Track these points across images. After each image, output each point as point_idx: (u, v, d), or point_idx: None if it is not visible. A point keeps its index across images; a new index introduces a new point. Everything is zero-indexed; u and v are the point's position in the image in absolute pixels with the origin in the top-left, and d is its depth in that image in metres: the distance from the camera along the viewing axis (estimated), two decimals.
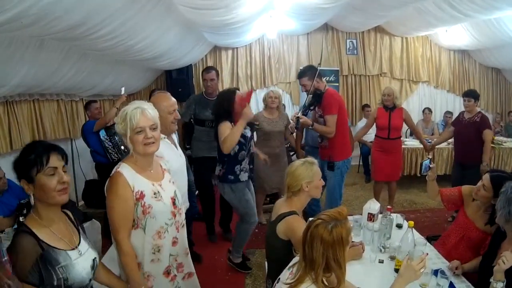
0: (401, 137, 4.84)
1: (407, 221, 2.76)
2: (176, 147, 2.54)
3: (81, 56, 3.89)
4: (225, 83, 7.47)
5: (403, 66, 7.93)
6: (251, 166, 3.28)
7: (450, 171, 5.88)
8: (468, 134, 4.32)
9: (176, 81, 6.62)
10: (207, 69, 4.09)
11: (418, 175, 6.10)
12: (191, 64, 6.83)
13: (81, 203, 4.77)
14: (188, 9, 3.85)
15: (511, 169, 6.16)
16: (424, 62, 8.01)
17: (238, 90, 3.16)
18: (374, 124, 4.84)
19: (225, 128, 2.95)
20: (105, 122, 4.23)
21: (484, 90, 8.15)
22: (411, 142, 6.35)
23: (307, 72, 3.58)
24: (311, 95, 3.58)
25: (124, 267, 1.75)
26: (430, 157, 2.63)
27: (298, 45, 7.68)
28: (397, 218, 2.75)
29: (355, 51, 7.76)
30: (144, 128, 1.76)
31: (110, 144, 4.35)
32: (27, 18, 2.23)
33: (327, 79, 7.35)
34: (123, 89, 4.23)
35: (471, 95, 4.37)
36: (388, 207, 2.55)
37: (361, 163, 7.18)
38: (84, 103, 4.89)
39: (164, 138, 2.30)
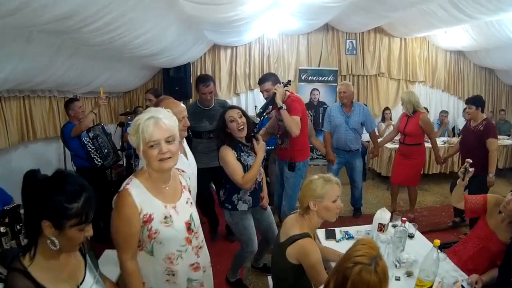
0: (420, 144, 4.59)
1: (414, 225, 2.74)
2: (186, 155, 2.37)
3: (74, 51, 3.70)
4: (223, 82, 7.40)
5: (401, 66, 7.97)
6: (260, 195, 2.98)
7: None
8: (471, 142, 4.14)
9: (174, 79, 6.49)
10: (204, 81, 3.70)
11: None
12: (189, 62, 6.69)
13: None
14: (191, 4, 3.68)
15: (502, 166, 6.53)
16: (421, 63, 8.07)
17: (236, 107, 2.85)
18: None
19: (229, 156, 2.67)
20: (82, 130, 3.89)
21: (477, 89, 8.35)
22: None
23: (270, 78, 3.50)
24: (267, 98, 3.46)
25: (128, 286, 1.64)
26: (471, 161, 2.45)
27: (298, 44, 7.63)
28: (408, 227, 2.67)
29: (354, 51, 7.74)
30: (158, 141, 1.56)
31: (93, 147, 4.00)
32: (7, 4, 2.01)
33: (325, 79, 7.36)
34: (101, 89, 3.92)
35: (471, 101, 4.16)
36: (403, 218, 2.43)
37: None
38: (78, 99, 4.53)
39: None
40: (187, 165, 2.27)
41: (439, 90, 8.30)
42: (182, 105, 2.34)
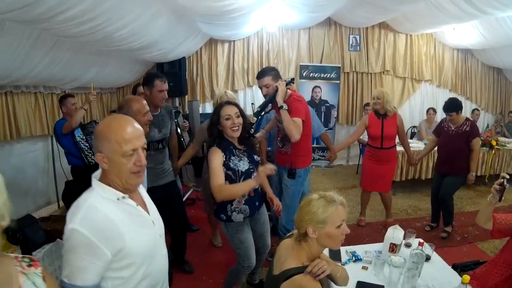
0: (395, 145, 4.30)
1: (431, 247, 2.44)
2: (147, 208, 1.55)
3: (54, 44, 3.42)
4: (220, 78, 7.08)
5: (407, 64, 7.66)
6: (257, 203, 2.69)
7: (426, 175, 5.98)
8: (457, 145, 4.07)
9: (168, 74, 6.10)
10: (161, 76, 3.12)
11: (421, 178, 5.91)
12: (184, 57, 6.35)
13: (62, 204, 4.40)
14: None
15: None
16: (427, 61, 7.76)
17: (235, 104, 2.56)
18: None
19: (214, 159, 2.39)
20: (72, 127, 3.71)
21: (485, 89, 8.14)
22: (416, 145, 6.03)
23: (270, 72, 3.09)
24: (266, 95, 3.10)
25: None
26: (507, 176, 2.07)
27: (299, 39, 7.28)
28: (425, 249, 2.36)
29: (358, 48, 7.40)
30: None
31: (87, 144, 3.87)
32: None
33: (327, 76, 7.04)
34: (92, 84, 3.64)
35: (451, 109, 4.05)
36: (421, 241, 2.13)
37: (360, 162, 6.87)
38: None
39: (123, 198, 1.40)
40: (146, 223, 1.51)
41: (446, 90, 7.99)
42: (138, 129, 1.41)
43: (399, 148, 5.65)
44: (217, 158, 2.38)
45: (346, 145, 4.76)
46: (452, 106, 4.06)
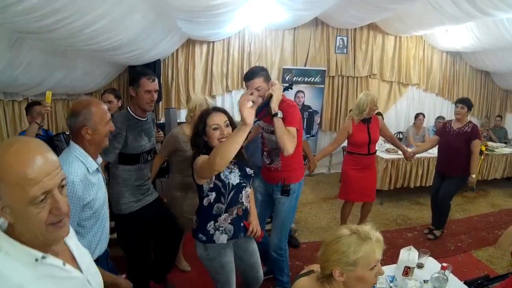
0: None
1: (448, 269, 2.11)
2: (78, 263, 1.13)
3: (14, 43, 2.97)
4: (197, 82, 6.62)
5: (394, 67, 7.44)
6: (242, 223, 2.31)
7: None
8: (457, 145, 4.20)
9: None
10: (149, 73, 2.67)
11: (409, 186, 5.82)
12: (159, 60, 5.90)
13: None
14: None
15: (500, 176, 6.36)
16: (415, 64, 7.59)
17: (224, 112, 2.25)
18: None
19: (202, 157, 2.10)
20: None
21: (472, 93, 8.09)
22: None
23: (261, 73, 2.69)
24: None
25: None
26: None
27: (283, 40, 6.88)
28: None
29: (345, 50, 7.08)
30: None
31: None
32: None
33: (312, 80, 6.75)
34: (48, 94, 3.04)
35: (465, 102, 4.22)
36: (444, 264, 1.82)
37: None
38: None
39: (44, 258, 0.97)
40: (77, 286, 1.08)
41: (432, 94, 7.87)
42: (51, 160, 0.94)
43: (388, 156, 5.66)
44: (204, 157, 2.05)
45: (326, 154, 4.55)
46: (465, 101, 4.24)
